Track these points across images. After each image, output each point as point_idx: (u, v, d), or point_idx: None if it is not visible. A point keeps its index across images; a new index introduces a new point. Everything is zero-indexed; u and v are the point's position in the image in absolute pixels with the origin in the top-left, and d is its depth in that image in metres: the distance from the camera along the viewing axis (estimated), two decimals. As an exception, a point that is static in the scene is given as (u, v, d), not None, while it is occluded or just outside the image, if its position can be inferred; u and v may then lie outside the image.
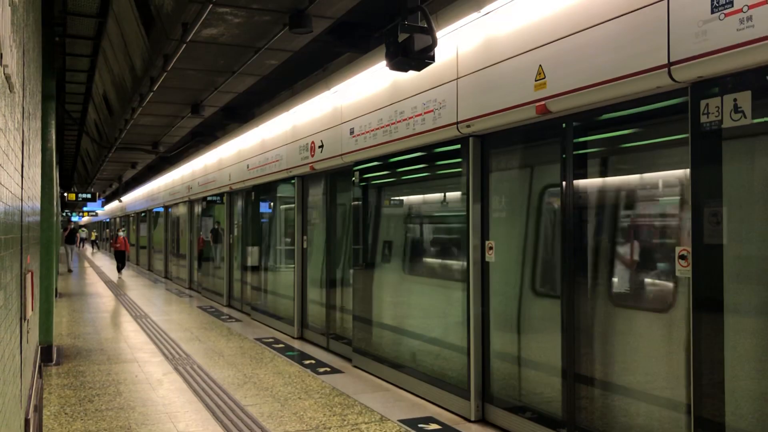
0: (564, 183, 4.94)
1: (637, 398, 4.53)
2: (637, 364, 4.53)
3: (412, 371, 6.91)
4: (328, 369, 8.06)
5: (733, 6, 3.48)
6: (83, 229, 54.00)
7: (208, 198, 16.79)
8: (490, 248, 5.85)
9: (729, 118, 3.62)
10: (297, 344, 9.90)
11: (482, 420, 5.86)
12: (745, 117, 3.55)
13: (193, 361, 8.50)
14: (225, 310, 14.19)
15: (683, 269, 3.93)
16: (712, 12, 3.59)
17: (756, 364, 3.60)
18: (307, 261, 10.41)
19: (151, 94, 10.47)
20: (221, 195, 15.43)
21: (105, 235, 54.64)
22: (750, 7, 3.39)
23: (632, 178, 4.78)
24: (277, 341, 10.08)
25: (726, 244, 3.68)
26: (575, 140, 4.93)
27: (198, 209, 18.26)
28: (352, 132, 8.03)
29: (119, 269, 23.97)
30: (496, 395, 5.79)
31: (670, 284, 4.28)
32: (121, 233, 25.05)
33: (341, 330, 9.16)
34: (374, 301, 8.00)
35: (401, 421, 5.88)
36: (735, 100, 3.59)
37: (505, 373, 5.79)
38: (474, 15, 5.57)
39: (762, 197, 3.61)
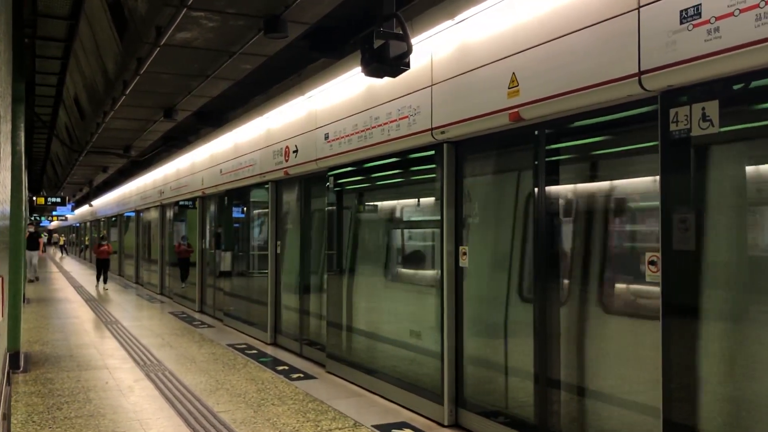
0: (536, 189, 4.99)
1: (609, 402, 4.58)
2: (609, 368, 4.59)
3: (386, 377, 6.92)
4: (302, 375, 8.03)
5: (701, 17, 3.56)
6: (45, 233, 52.99)
7: (181, 203, 16.64)
8: (464, 254, 5.89)
9: (697, 126, 3.70)
10: (270, 350, 9.84)
11: (455, 425, 5.89)
12: (713, 125, 3.63)
13: (165, 367, 8.41)
14: (197, 315, 14.06)
15: (653, 275, 4.00)
16: (681, 23, 3.67)
17: (726, 367, 3.67)
18: (280, 266, 10.37)
19: (124, 97, 10.37)
20: (194, 200, 15.31)
21: (73, 239, 53.85)
22: (717, 19, 3.47)
23: (603, 185, 4.85)
24: (250, 347, 10.01)
25: (695, 251, 3.75)
26: (548, 147, 4.99)
27: (170, 214, 18.09)
28: (327, 137, 8.03)
29: (100, 278, 20.56)
30: (470, 400, 5.81)
31: (642, 289, 4.34)
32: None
33: (315, 336, 9.13)
34: (348, 306, 7.99)
35: (375, 426, 5.88)
36: (703, 108, 3.67)
37: (479, 378, 5.82)
38: (448, 22, 5.61)
39: (731, 204, 3.69)
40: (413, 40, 5.55)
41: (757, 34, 3.30)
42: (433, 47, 5.98)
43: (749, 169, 3.76)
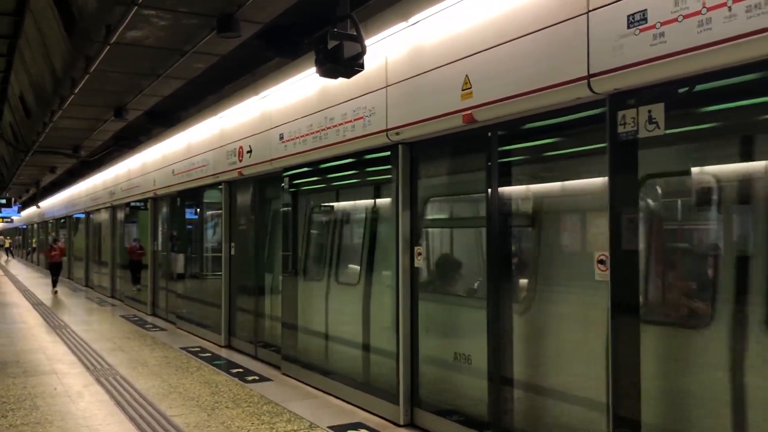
0: (489, 190, 5.05)
1: (560, 399, 4.67)
2: (560, 366, 4.68)
3: (342, 377, 6.91)
4: (257, 377, 7.97)
5: (647, 22, 3.66)
6: None
7: (132, 204, 16.32)
8: (419, 254, 5.93)
9: (644, 128, 3.80)
10: (224, 353, 9.73)
11: (411, 424, 5.92)
12: (659, 128, 3.73)
13: (116, 371, 8.24)
14: (149, 319, 13.81)
15: (602, 273, 4.09)
16: (629, 27, 3.76)
17: (670, 364, 3.79)
18: (234, 268, 10.26)
19: (72, 96, 10.12)
20: (145, 201, 15.03)
21: (20, 242, 52.33)
22: (662, 24, 3.57)
23: (554, 186, 4.95)
24: (204, 350, 9.88)
25: (642, 250, 3.85)
26: (501, 149, 5.06)
27: (121, 215, 17.72)
28: (281, 137, 7.98)
29: (55, 283, 20.07)
30: (425, 399, 5.85)
31: (593, 288, 4.44)
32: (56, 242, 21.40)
33: (270, 338, 9.07)
34: (304, 307, 7.96)
35: (330, 427, 5.87)
36: (649, 111, 3.77)
37: (434, 377, 5.87)
38: (402, 24, 5.64)
39: (676, 203, 3.81)
40: (368, 41, 5.56)
41: (699, 40, 3.40)
42: (387, 48, 6.00)
43: (695, 170, 3.88)
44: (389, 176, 6.17)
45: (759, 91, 3.44)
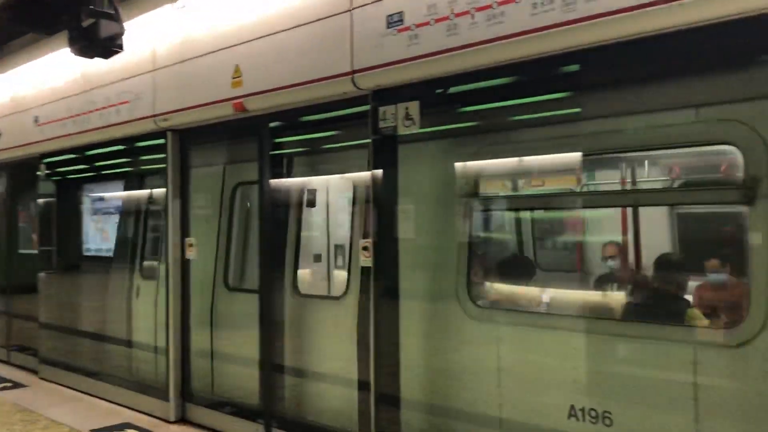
0: (262, 181, 5.05)
1: (328, 382, 4.84)
2: (327, 351, 4.85)
3: (109, 378, 6.51)
4: (9, 384, 7.22)
5: (403, 23, 3.88)
6: None
7: None
8: (191, 245, 5.76)
9: (402, 125, 4.04)
10: (-30, 359, 8.69)
11: (182, 420, 5.75)
12: (415, 125, 3.99)
13: None
14: None
15: (366, 260, 4.28)
16: (388, 27, 3.97)
17: (425, 342, 4.09)
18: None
19: None
20: None
21: None
22: (417, 26, 3.82)
23: (324, 178, 5.09)
24: (-55, 358, 8.74)
25: (401, 238, 4.10)
26: (274, 140, 5.08)
27: None
28: (36, 120, 7.28)
29: None
30: (197, 393, 5.72)
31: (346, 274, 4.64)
32: None
33: (27, 341, 8.25)
34: (65, 306, 7.36)
35: (94, 430, 5.51)
36: (407, 108, 4.01)
37: (207, 371, 5.76)
38: (169, 6, 5.42)
39: (435, 196, 4.10)
40: (132, 22, 5.28)
41: (449, 43, 3.69)
42: (156, 31, 5.72)
43: (445, 166, 4.20)
44: (164, 165, 5.89)
45: (507, 94, 3.82)
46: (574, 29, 3.18)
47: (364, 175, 4.48)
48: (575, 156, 3.59)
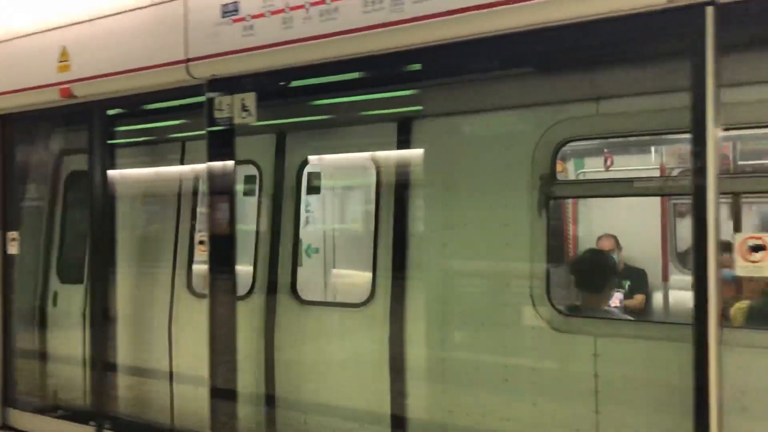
0: (92, 171, 4.80)
1: (165, 379, 4.72)
2: (165, 347, 4.72)
3: None
4: None
5: (239, 14, 3.82)
6: None
7: None
8: (13, 239, 5.38)
9: (239, 116, 3.99)
10: None
11: (3, 426, 5.37)
12: (252, 116, 3.95)
13: None
14: None
15: (203, 254, 4.20)
16: (223, 16, 3.89)
17: (261, 337, 4.09)
18: None
19: None
20: None
21: None
22: (252, 17, 3.77)
23: (160, 170, 4.93)
24: None
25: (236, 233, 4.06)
26: (111, 129, 4.87)
27: None
28: None
29: None
30: (22, 398, 5.36)
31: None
32: None
33: None
34: None
35: None
36: (243, 99, 3.96)
37: (34, 373, 5.43)
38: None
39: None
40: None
41: (284, 36, 3.68)
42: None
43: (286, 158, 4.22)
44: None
45: (346, 89, 3.88)
46: (400, 29, 3.28)
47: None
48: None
